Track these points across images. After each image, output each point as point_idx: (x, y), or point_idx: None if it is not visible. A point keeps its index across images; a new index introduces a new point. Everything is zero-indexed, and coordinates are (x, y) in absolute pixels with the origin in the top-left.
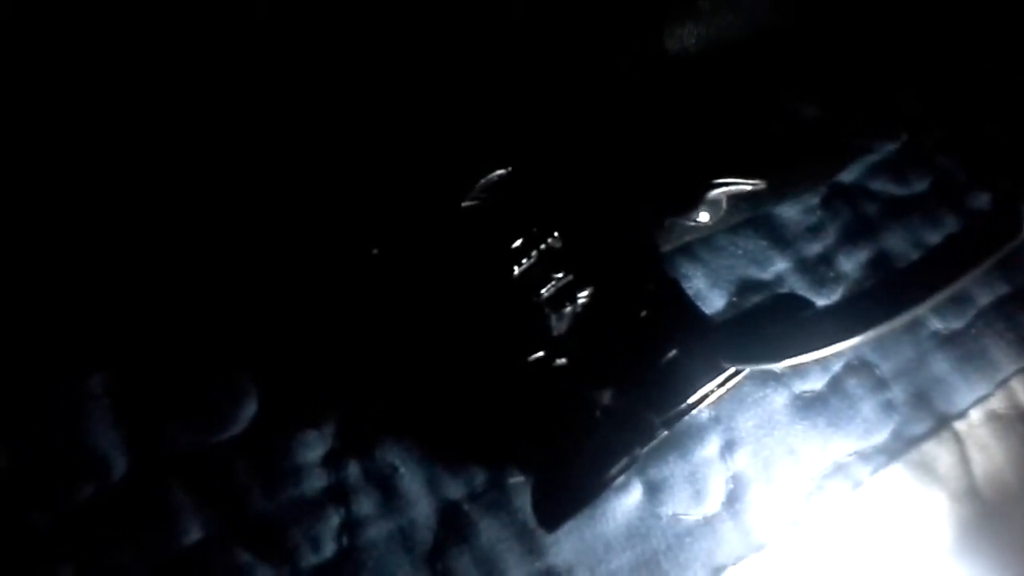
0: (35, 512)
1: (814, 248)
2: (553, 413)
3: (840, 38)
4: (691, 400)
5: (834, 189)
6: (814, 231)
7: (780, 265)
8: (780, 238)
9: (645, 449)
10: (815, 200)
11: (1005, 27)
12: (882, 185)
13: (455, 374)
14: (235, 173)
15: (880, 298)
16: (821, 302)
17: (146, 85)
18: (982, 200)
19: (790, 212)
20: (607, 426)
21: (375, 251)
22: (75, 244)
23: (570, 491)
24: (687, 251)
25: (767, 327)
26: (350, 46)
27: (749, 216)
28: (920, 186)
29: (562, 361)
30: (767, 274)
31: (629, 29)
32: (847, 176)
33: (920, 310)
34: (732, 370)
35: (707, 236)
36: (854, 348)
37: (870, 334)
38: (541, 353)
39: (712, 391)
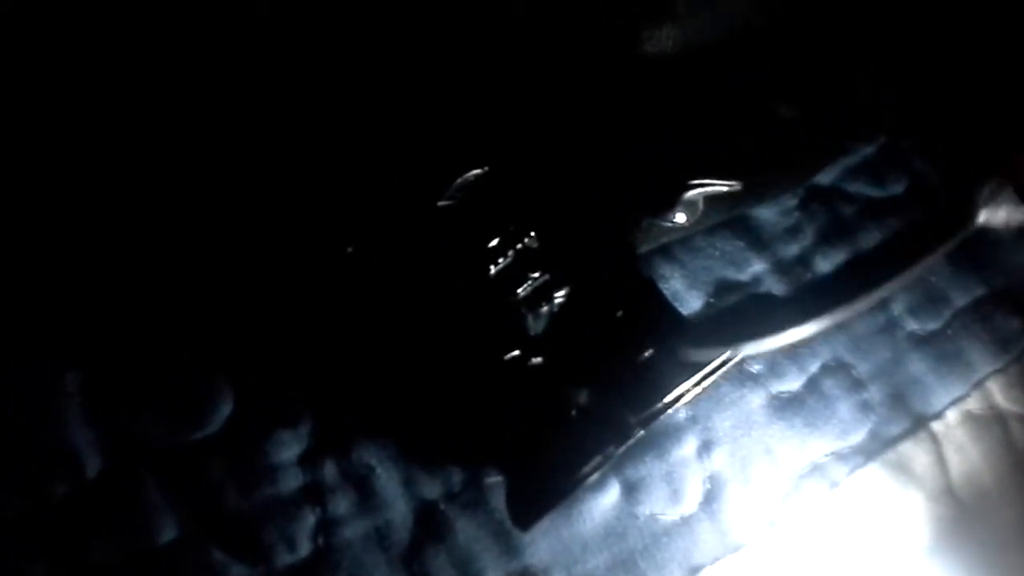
0: (8, 510)
1: (791, 249)
2: (529, 412)
3: (818, 39)
4: (667, 399)
5: (811, 191)
6: (791, 232)
7: (757, 266)
8: (757, 239)
9: (621, 449)
10: (792, 202)
11: (983, 29)
12: (859, 187)
13: (432, 374)
14: (212, 171)
15: (839, 286)
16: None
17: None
18: None
19: (767, 214)
20: (582, 425)
21: (350, 250)
22: (50, 242)
23: (543, 490)
24: (665, 252)
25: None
26: (329, 44)
27: (726, 217)
28: (896, 188)
29: (538, 360)
30: (744, 275)
31: (607, 30)
32: (824, 178)
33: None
34: (708, 369)
35: (685, 237)
36: (830, 346)
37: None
38: (517, 352)
39: (688, 390)
